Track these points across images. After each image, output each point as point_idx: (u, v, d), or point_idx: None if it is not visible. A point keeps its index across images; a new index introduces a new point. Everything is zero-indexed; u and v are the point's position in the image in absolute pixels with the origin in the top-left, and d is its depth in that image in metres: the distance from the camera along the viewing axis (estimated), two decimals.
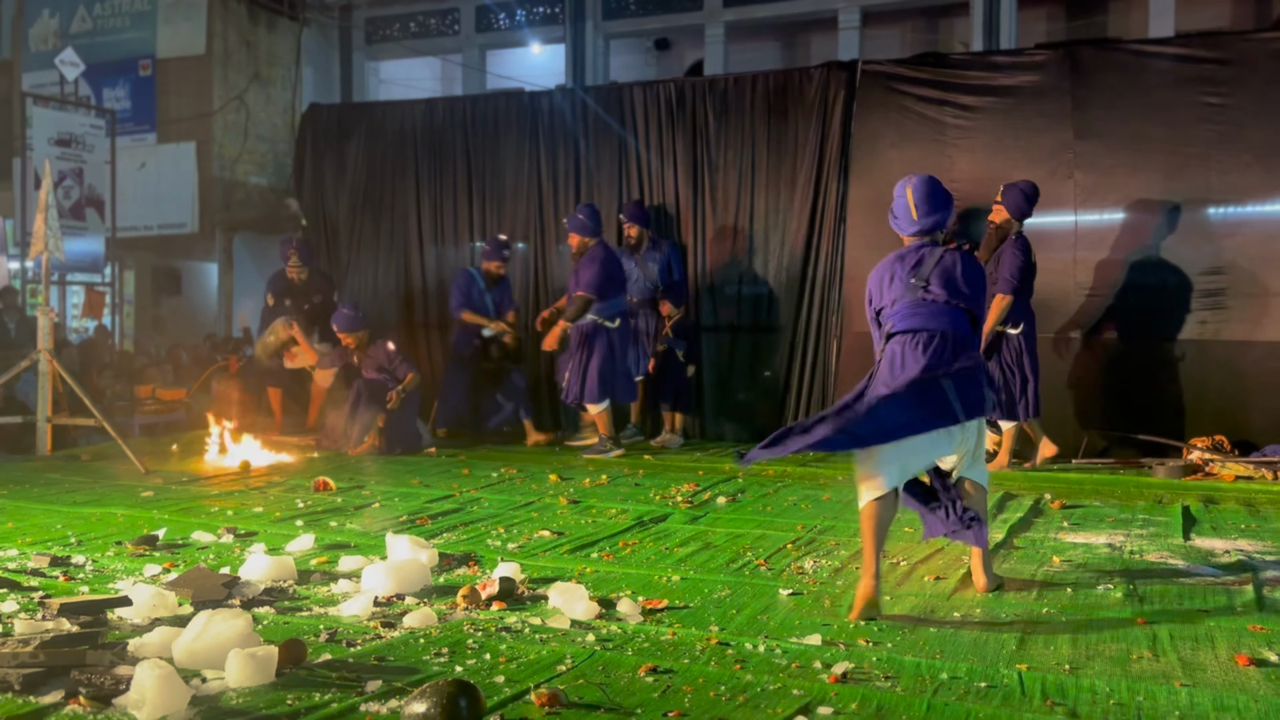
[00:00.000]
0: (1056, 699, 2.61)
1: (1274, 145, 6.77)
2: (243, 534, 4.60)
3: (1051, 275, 7.10)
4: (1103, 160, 7.12)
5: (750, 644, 3.04)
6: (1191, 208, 6.94)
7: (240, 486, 5.96)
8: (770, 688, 2.69)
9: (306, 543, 4.33)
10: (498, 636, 3.11)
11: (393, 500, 5.51)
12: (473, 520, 4.95)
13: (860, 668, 2.84)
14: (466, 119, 9.05)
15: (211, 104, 12.20)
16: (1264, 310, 6.75)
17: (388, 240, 9.23)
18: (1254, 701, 2.57)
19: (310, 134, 9.64)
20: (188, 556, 4.19)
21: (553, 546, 4.36)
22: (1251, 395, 6.71)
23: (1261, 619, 3.28)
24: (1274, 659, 2.90)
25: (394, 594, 3.55)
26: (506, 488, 5.90)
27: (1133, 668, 2.85)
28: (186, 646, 2.84)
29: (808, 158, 7.93)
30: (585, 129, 8.63)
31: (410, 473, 6.49)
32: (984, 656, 2.95)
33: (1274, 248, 6.75)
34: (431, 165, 9.14)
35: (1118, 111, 7.10)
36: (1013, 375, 6.43)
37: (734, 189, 8.16)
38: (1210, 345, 6.86)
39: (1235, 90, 6.89)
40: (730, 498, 5.54)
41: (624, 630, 3.18)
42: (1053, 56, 7.47)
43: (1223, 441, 6.58)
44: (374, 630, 3.17)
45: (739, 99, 8.19)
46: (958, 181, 7.18)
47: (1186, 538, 4.56)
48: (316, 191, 9.53)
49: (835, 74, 7.94)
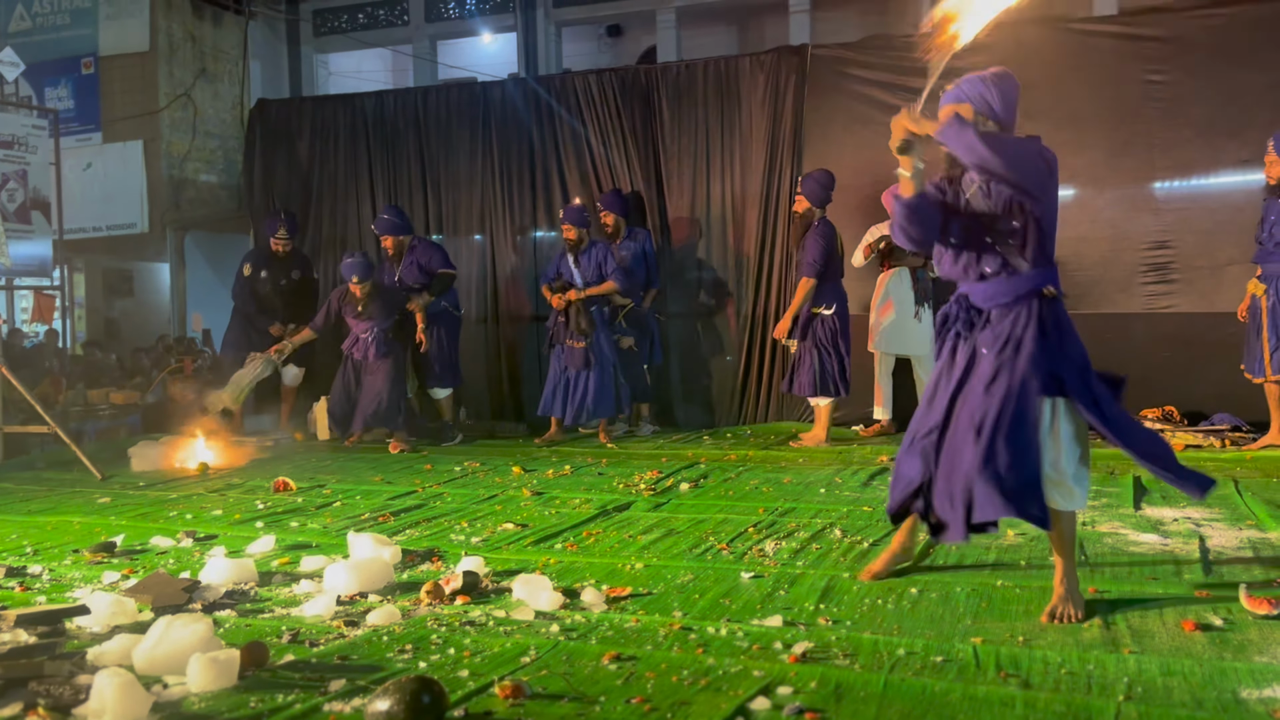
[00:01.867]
0: (1010, 670, 2.67)
1: (1215, 121, 6.91)
2: (202, 537, 4.56)
3: None
4: (1049, 139, 7.05)
5: (713, 628, 3.08)
6: (1137, 184, 7.07)
7: (199, 490, 5.91)
8: (732, 670, 2.73)
9: (267, 544, 4.31)
10: (462, 631, 3.13)
11: (354, 498, 5.49)
12: (436, 515, 4.95)
13: (820, 647, 2.88)
14: (418, 110, 8.99)
15: (158, 101, 12.00)
16: (1210, 282, 6.90)
17: (341, 235, 9.16)
18: (1199, 666, 2.65)
19: (260, 129, 9.53)
20: (146, 562, 4.16)
21: (516, 539, 4.38)
22: (1200, 365, 6.86)
23: (1208, 585, 3.38)
24: (1219, 624, 2.99)
25: (357, 592, 3.55)
26: (469, 482, 5.90)
27: (1084, 637, 2.92)
28: (147, 653, 2.82)
29: (761, 142, 7.98)
30: (538, 118, 8.62)
31: (372, 469, 6.47)
32: (940, 631, 3.01)
33: (1218, 221, 6.89)
34: (384, 158, 9.08)
35: (1063, 90, 7.21)
36: (828, 355, 6.82)
37: (689, 175, 8.19)
38: (1159, 318, 7.00)
39: (1176, 67, 7.03)
40: (693, 484, 5.58)
41: (588, 619, 3.21)
42: (998, 36, 7.52)
43: (1173, 411, 6.73)
44: (337, 630, 3.17)
45: (691, 85, 8.21)
46: None
47: (1137, 508, 4.66)
48: (268, 187, 9.43)
49: (786, 58, 7.99)
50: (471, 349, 8.53)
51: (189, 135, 12.35)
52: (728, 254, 8.10)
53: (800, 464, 6.20)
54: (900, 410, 7.09)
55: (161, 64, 12.05)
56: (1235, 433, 6.41)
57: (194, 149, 12.41)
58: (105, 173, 12.21)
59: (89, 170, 12.18)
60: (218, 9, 12.76)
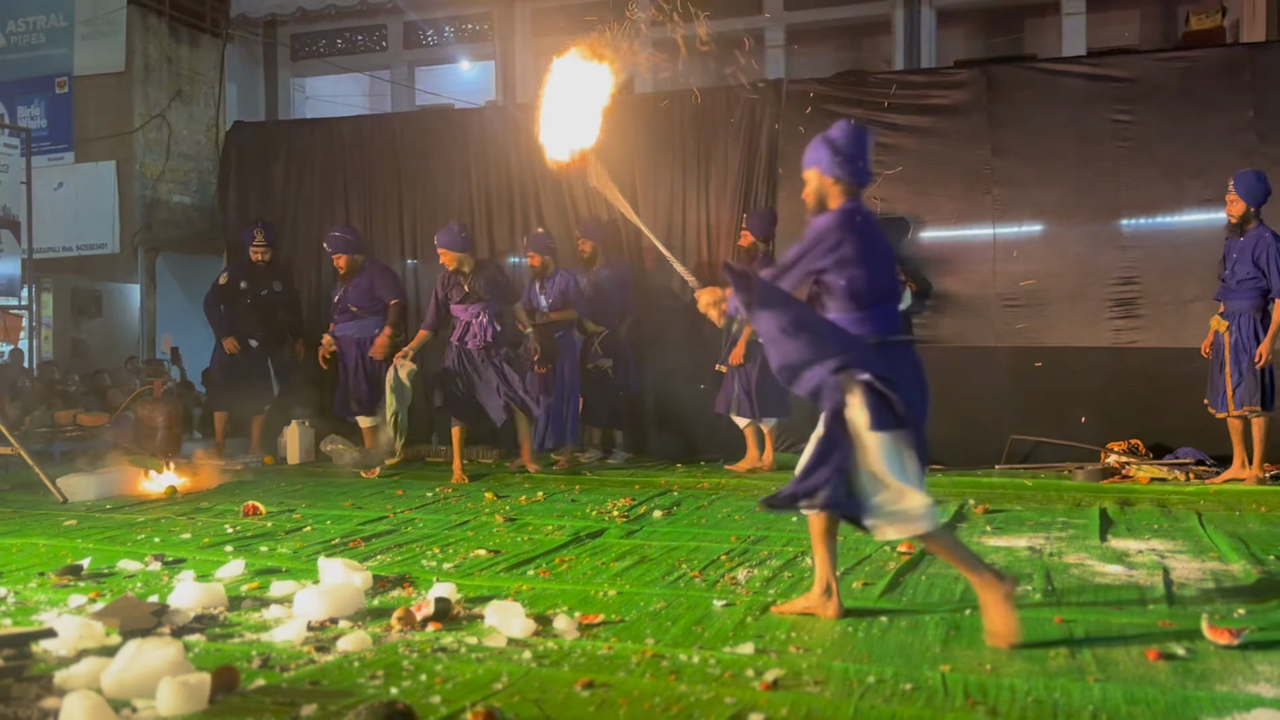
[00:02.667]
0: (977, 698, 2.70)
1: (1180, 161, 7.07)
2: (170, 561, 4.52)
3: (972, 286, 7.32)
4: (1019, 175, 7.37)
5: (685, 655, 3.09)
6: (1104, 221, 7.21)
7: (167, 513, 5.85)
8: (704, 697, 2.74)
9: (237, 568, 4.28)
10: (433, 657, 3.12)
11: (324, 523, 5.46)
12: (407, 541, 4.93)
13: (791, 674, 2.90)
14: (396, 136, 9.02)
15: (132, 122, 11.95)
16: (1175, 318, 7.03)
17: (316, 260, 9.14)
18: (1162, 694, 2.70)
19: (235, 152, 9.52)
20: (114, 585, 4.11)
21: (489, 565, 4.37)
22: (1165, 400, 6.97)
23: (1171, 615, 3.43)
24: (1182, 653, 3.04)
25: (327, 618, 3.53)
26: (441, 507, 5.88)
27: (1050, 665, 2.96)
28: (116, 676, 2.80)
29: (736, 173, 8.07)
30: (517, 145, 8.66)
31: (342, 494, 6.43)
32: (909, 659, 3.04)
33: (1183, 258, 7.03)
34: (361, 183, 9.09)
35: (1032, 128, 7.36)
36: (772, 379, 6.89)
37: (665, 204, 8.26)
38: (1125, 352, 7.12)
39: (1143, 108, 7.20)
40: (666, 511, 5.60)
41: (560, 646, 3.21)
42: (970, 75, 7.71)
43: (1138, 445, 6.84)
44: (307, 655, 3.16)
45: (668, 115, 8.30)
46: (880, 197, 7.36)
47: (1103, 539, 4.73)
48: (242, 210, 9.40)
49: (762, 91, 8.09)
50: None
51: (163, 156, 12.30)
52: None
53: (773, 493, 6.22)
54: None
55: (136, 85, 12.02)
56: (1199, 466, 6.52)
57: (168, 170, 12.36)
58: (77, 192, 12.13)
59: (60, 190, 12.10)
60: (195, 31, 12.76)
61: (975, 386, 7.25)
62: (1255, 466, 6.12)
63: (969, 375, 7.26)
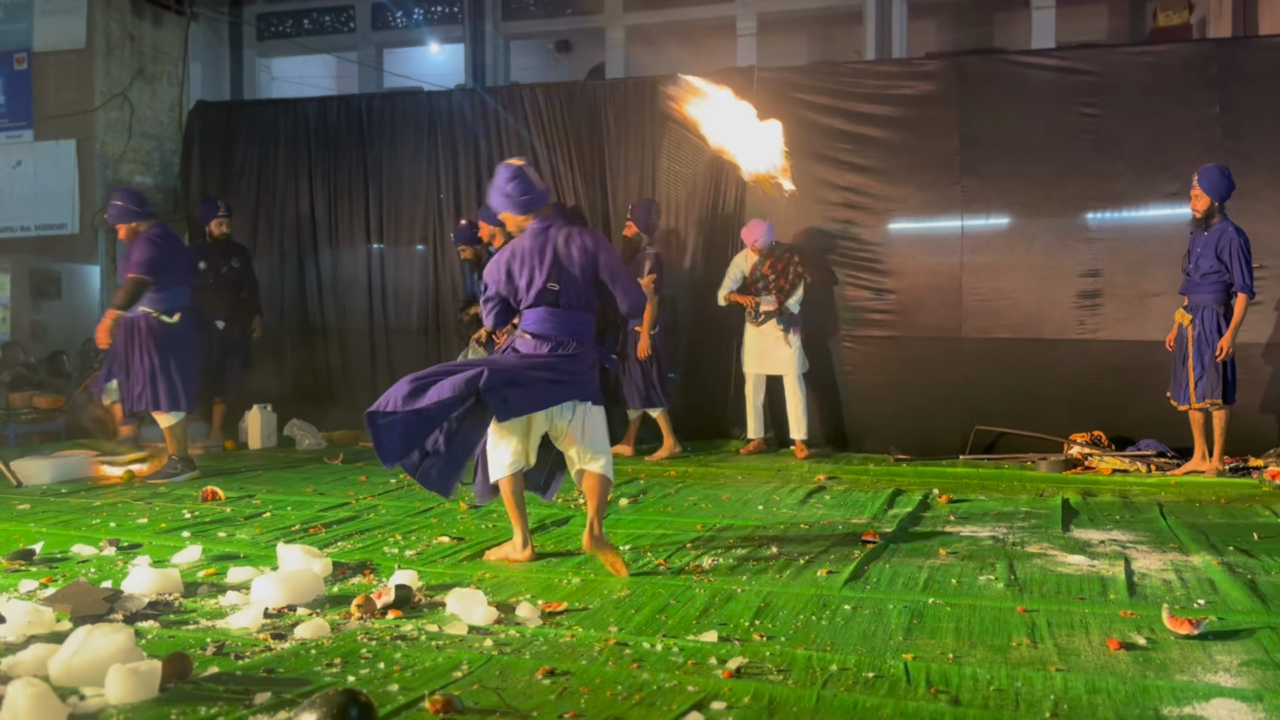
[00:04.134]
0: (940, 687, 2.70)
1: (1146, 154, 7.11)
2: (126, 546, 4.44)
3: (939, 277, 7.33)
4: (987, 167, 7.38)
5: (648, 643, 3.07)
6: (1070, 213, 7.25)
7: (124, 497, 5.75)
8: (666, 685, 2.71)
9: (193, 554, 4.21)
10: (393, 645, 3.07)
11: (284, 509, 5.38)
12: (369, 528, 4.86)
13: (754, 662, 2.89)
14: (363, 118, 8.90)
15: (93, 100, 11.71)
16: (1139, 311, 7.08)
17: (279, 242, 9.02)
18: (1123, 684, 2.70)
19: (198, 132, 9.37)
20: (67, 571, 4.03)
21: (452, 553, 4.32)
22: (1128, 392, 7.03)
23: (1132, 605, 3.45)
24: (1142, 643, 3.05)
25: (285, 605, 3.47)
26: (405, 494, 5.82)
27: (1012, 655, 2.96)
28: (64, 663, 2.73)
29: (706, 161, 8.02)
30: (486, 129, 8.58)
31: (303, 480, 6.35)
32: (872, 647, 3.03)
33: (1147, 252, 7.08)
34: (327, 165, 8.96)
35: (1001, 120, 7.38)
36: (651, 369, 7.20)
37: (636, 192, 8.21)
38: (1089, 344, 7.17)
39: (1110, 101, 7.23)
40: (632, 499, 5.57)
41: (522, 634, 3.18)
42: (940, 66, 7.72)
43: (1101, 437, 6.89)
44: (264, 642, 3.10)
45: (639, 103, 8.24)
46: (850, 187, 7.37)
47: (1066, 529, 4.75)
48: (205, 190, 9.26)
49: (733, 80, 8.03)
50: (412, 361, 8.41)
51: (124, 135, 12.06)
52: (671, 271, 8.12)
53: (739, 481, 6.22)
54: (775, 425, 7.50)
55: (98, 62, 11.76)
56: (1160, 458, 6.58)
57: (129, 150, 12.12)
58: (36, 171, 11.87)
59: (19, 168, 11.83)
60: (158, 9, 12.51)
61: (941, 377, 7.28)
62: (1215, 459, 6.18)
63: (935, 366, 7.29)
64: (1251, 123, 6.95)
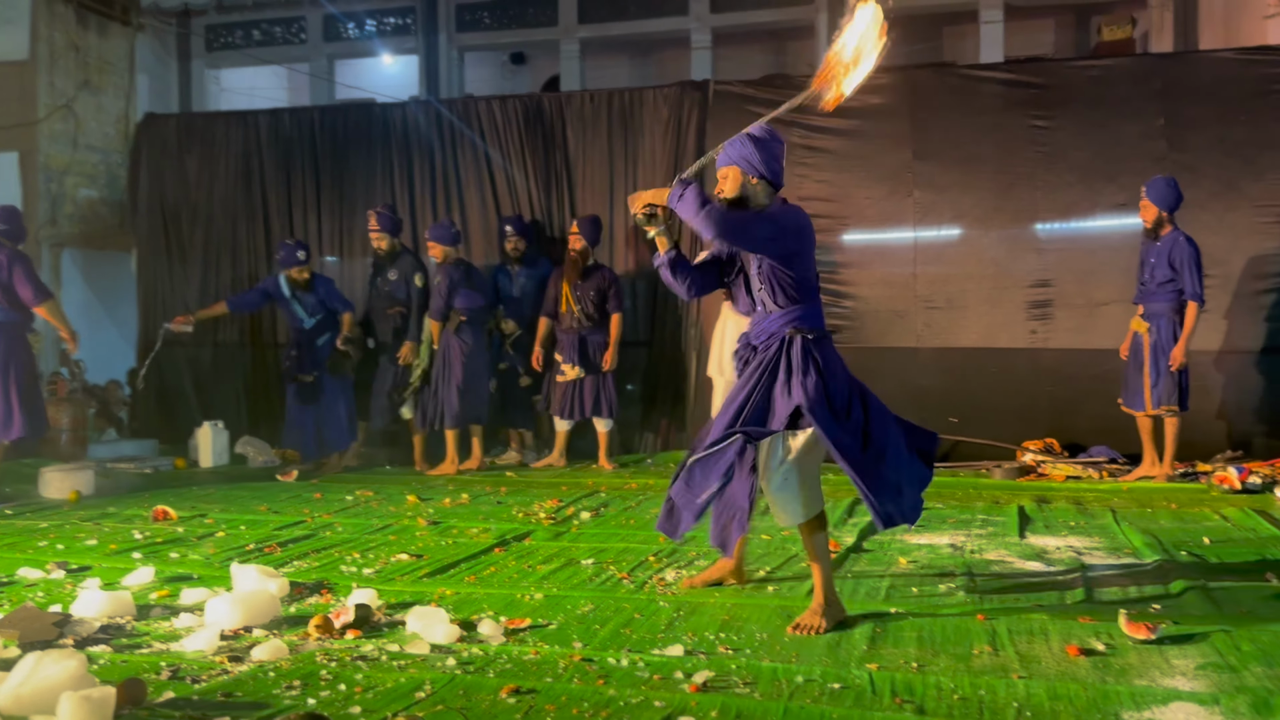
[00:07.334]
0: (905, 696, 2.71)
1: (1094, 166, 7.25)
2: (74, 569, 4.32)
3: (893, 289, 7.42)
4: (939, 179, 7.48)
5: (613, 658, 3.05)
6: (1021, 224, 7.37)
7: (71, 518, 5.61)
8: (633, 701, 2.70)
9: (145, 576, 4.11)
10: (353, 666, 3.02)
11: (238, 528, 5.28)
12: (326, 546, 4.79)
13: (720, 675, 2.88)
14: (315, 130, 8.81)
15: (36, 112, 11.45)
16: (1089, 320, 7.21)
17: (231, 255, 8.89)
18: (1083, 690, 2.74)
19: (146, 145, 9.23)
20: (13, 595, 3.91)
21: (411, 570, 4.27)
22: (1079, 400, 7.15)
23: (1090, 611, 3.49)
24: (1101, 648, 3.09)
25: (241, 626, 3.41)
26: (362, 511, 5.74)
27: (975, 663, 2.99)
28: (13, 691, 2.65)
29: (663, 174, 8.04)
30: (440, 142, 8.53)
31: (257, 498, 6.24)
32: (837, 658, 3.04)
33: (1096, 261, 7.21)
34: (278, 178, 8.86)
35: (952, 133, 7.49)
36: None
37: (591, 203, 8.21)
38: (1041, 353, 7.28)
39: (1058, 114, 7.36)
40: (594, 512, 5.55)
41: (485, 652, 3.14)
42: (892, 79, 7.80)
43: (1053, 444, 7.00)
44: (220, 665, 3.03)
45: (595, 115, 8.26)
46: (805, 198, 7.41)
47: (1022, 536, 4.81)
48: (154, 205, 9.12)
49: (689, 93, 8.10)
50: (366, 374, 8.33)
51: (69, 148, 11.82)
52: (627, 282, 8.12)
53: None
54: None
55: (41, 73, 11.51)
56: (1112, 464, 6.69)
57: (74, 163, 11.88)
58: None
59: None
60: (104, 19, 12.28)
61: (896, 387, 7.31)
62: (1166, 465, 6.30)
63: (890, 376, 7.33)
64: (1195, 135, 7.12)
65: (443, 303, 7.20)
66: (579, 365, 7.26)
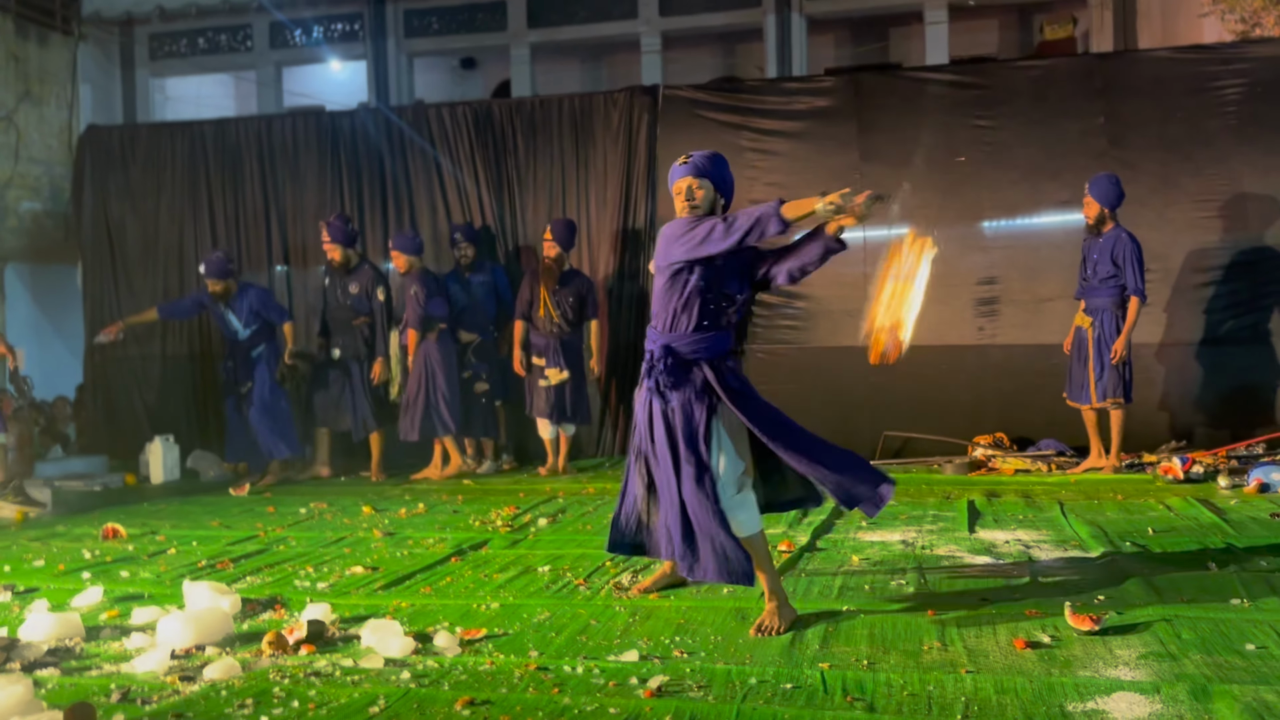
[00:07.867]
0: (856, 695, 2.75)
1: (1038, 164, 7.38)
2: (21, 591, 4.25)
3: (845, 288, 7.47)
4: (887, 180, 7.55)
5: (569, 666, 3.07)
6: (967, 222, 7.47)
7: (18, 539, 5.51)
8: (588, 709, 2.71)
9: (95, 596, 4.05)
10: (306, 682, 3.01)
11: (190, 544, 5.22)
12: (279, 561, 4.75)
13: (675, 680, 2.91)
14: (262, 139, 8.72)
15: None
16: (1034, 315, 7.32)
17: (179, 268, 8.77)
18: (1030, 683, 2.80)
19: (89, 156, 9.07)
20: None
21: (366, 583, 4.25)
22: (1026, 394, 7.26)
23: (1037, 604, 3.57)
24: (1047, 641, 3.16)
25: (193, 645, 3.37)
26: (316, 524, 5.70)
27: (924, 659, 3.04)
28: None
29: (615, 179, 8.07)
30: (390, 149, 8.48)
31: (209, 514, 6.17)
32: (790, 658, 3.08)
33: (1040, 258, 7.33)
34: (226, 188, 8.75)
35: (899, 134, 7.58)
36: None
37: (544, 209, 8.21)
38: (988, 349, 7.39)
39: (1002, 113, 7.49)
40: (551, 519, 5.55)
41: (441, 664, 3.14)
42: (839, 82, 7.91)
43: (1003, 438, 7.11)
44: (171, 686, 3.01)
45: (546, 121, 8.25)
46: (756, 200, 7.45)
47: (972, 531, 4.89)
48: (99, 217, 8.96)
49: (639, 98, 8.13)
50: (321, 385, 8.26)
51: (11, 161, 11.60)
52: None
53: None
54: None
55: None
56: (1060, 457, 6.82)
57: (16, 176, 11.66)
58: None
59: None
60: (44, 29, 12.08)
61: (848, 385, 7.42)
62: (1113, 456, 6.43)
63: (842, 374, 7.43)
64: (1135, 132, 7.27)
65: (423, 312, 7.18)
66: (564, 368, 7.23)
